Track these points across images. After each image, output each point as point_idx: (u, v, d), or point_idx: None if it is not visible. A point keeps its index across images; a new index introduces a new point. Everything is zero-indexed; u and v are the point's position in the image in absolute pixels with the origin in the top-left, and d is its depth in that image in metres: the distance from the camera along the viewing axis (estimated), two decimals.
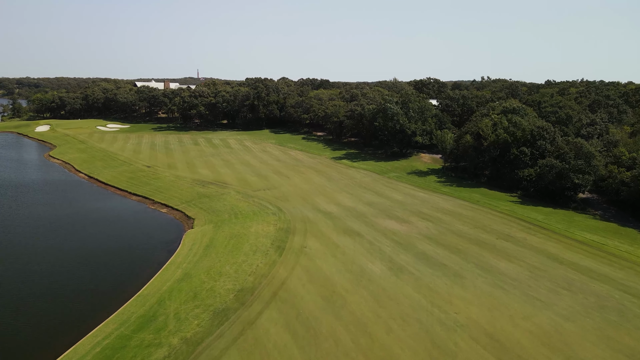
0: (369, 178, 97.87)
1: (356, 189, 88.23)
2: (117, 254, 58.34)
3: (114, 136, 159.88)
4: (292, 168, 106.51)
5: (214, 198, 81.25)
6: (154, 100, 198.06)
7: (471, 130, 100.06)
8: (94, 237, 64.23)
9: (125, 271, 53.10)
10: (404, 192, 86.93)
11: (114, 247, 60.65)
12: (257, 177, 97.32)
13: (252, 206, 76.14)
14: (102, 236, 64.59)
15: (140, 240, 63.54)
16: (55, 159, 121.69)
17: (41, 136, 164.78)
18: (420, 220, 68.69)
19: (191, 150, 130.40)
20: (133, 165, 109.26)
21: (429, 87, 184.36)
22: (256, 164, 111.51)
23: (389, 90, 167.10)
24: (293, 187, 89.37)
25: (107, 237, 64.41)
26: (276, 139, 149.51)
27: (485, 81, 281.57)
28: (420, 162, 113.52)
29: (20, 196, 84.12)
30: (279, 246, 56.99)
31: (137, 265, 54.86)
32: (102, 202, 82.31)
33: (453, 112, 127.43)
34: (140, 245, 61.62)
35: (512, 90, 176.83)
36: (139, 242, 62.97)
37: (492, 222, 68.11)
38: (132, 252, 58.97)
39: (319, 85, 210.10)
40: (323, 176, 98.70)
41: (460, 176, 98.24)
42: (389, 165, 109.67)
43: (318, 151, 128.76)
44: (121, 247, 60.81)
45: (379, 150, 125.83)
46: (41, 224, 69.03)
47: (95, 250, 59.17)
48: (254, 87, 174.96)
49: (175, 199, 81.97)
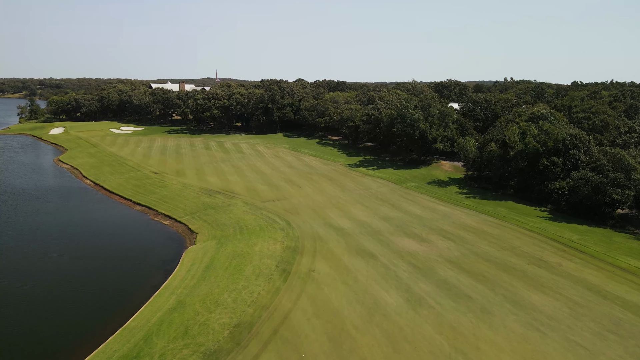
0: (385, 188, 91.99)
1: (372, 201, 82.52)
2: (110, 274, 54.00)
3: (126, 139, 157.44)
4: (305, 176, 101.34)
5: (220, 210, 76.62)
6: (168, 102, 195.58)
7: (496, 137, 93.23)
8: (89, 253, 60.11)
9: (115, 296, 48.61)
10: (423, 204, 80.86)
11: (108, 266, 56.35)
12: (267, 186, 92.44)
13: (259, 220, 71.20)
14: (97, 253, 60.45)
15: (137, 258, 59.16)
16: (64, 164, 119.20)
17: (54, 139, 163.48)
18: (440, 239, 62.65)
19: (202, 155, 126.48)
20: (141, 171, 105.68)
21: (449, 90, 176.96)
22: (267, 171, 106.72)
23: (407, 93, 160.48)
24: (304, 198, 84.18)
25: (103, 253, 60.23)
26: (290, 144, 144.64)
27: (509, 82, 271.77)
28: (441, 170, 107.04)
29: (21, 204, 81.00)
30: (284, 269, 51.82)
31: (130, 289, 50.36)
32: (104, 212, 78.51)
33: (476, 117, 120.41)
34: (136, 264, 57.20)
35: (538, 92, 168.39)
36: (136, 260, 58.58)
37: (521, 243, 61.62)
38: (126, 273, 54.55)
39: (335, 87, 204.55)
40: (337, 186, 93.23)
41: (483, 187, 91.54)
42: (407, 174, 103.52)
43: (333, 157, 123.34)
44: (116, 265, 56.48)
45: (397, 157, 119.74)
46: (36, 237, 65.33)
47: (87, 271, 54.95)
48: (268, 90, 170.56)
49: (179, 210, 77.65)
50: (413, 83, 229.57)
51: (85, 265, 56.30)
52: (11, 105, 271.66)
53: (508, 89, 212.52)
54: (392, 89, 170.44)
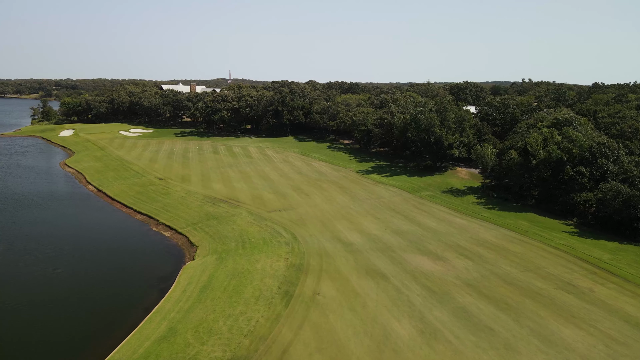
0: (398, 197, 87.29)
1: (384, 212, 77.96)
2: (102, 294, 50.44)
3: (134, 142, 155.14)
4: (314, 183, 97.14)
5: (223, 220, 72.85)
6: (178, 104, 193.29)
7: (516, 144, 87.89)
8: (82, 269, 56.73)
9: (102, 321, 44.92)
10: (438, 216, 76.01)
11: (101, 284, 52.83)
12: (274, 194, 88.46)
13: (264, 232, 67.22)
14: (91, 268, 57.05)
15: (132, 275, 55.59)
16: (69, 168, 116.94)
17: (63, 141, 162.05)
18: (457, 258, 57.86)
19: (209, 159, 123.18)
20: (145, 177, 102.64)
21: (465, 92, 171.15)
22: (275, 177, 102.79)
23: (422, 96, 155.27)
24: (312, 207, 79.99)
25: (97, 269, 56.81)
26: (300, 148, 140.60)
27: (527, 84, 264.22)
28: (457, 178, 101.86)
29: (20, 211, 78.34)
30: (286, 291, 47.67)
31: (120, 311, 46.69)
32: (103, 222, 75.35)
33: (494, 121, 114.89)
34: (130, 282, 53.60)
35: (559, 95, 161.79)
36: (131, 277, 55.00)
37: (546, 263, 56.51)
38: (118, 292, 50.94)
39: (347, 89, 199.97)
40: (347, 194, 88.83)
41: (502, 197, 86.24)
42: (422, 182, 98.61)
43: (344, 163, 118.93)
44: (109, 283, 52.93)
45: (411, 163, 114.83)
46: (29, 247, 62.25)
47: (77, 289, 51.48)
48: (278, 92, 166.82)
49: (181, 220, 74.10)
50: (428, 84, 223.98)
51: (77, 283, 52.89)
52: (27, 106, 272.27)
53: (526, 91, 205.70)
54: (406, 91, 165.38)
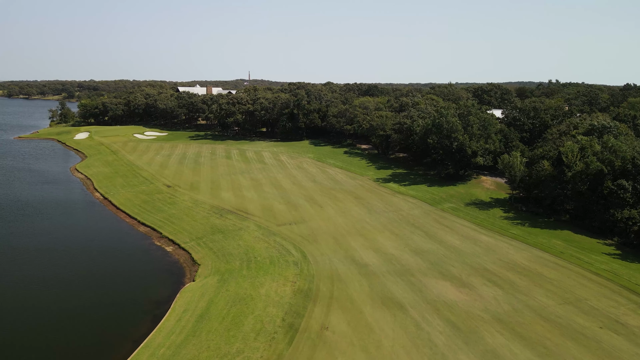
0: (418, 210, 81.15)
1: (402, 227, 72.03)
2: (90, 321, 46.06)
3: (148, 146, 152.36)
4: (328, 193, 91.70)
5: (229, 235, 68.08)
6: (193, 106, 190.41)
7: (549, 154, 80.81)
8: (74, 289, 52.60)
9: (83, 357, 40.48)
10: (461, 233, 69.69)
11: (89, 309, 48.48)
12: (285, 205, 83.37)
13: (271, 249, 62.14)
14: (84, 288, 52.89)
15: (126, 298, 51.17)
16: (78, 173, 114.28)
17: (77, 144, 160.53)
18: (485, 284, 51.67)
19: (220, 165, 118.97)
20: (153, 184, 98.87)
21: (490, 95, 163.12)
22: (287, 185, 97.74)
23: (444, 100, 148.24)
24: (325, 221, 74.59)
25: (90, 289, 52.61)
26: (315, 153, 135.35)
27: (554, 85, 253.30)
28: (481, 188, 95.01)
29: (20, 221, 75.19)
30: (291, 325, 42.39)
31: (106, 345, 42.16)
32: (104, 234, 71.45)
33: (522, 126, 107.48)
34: (123, 306, 49.14)
35: (591, 98, 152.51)
36: (124, 300, 50.57)
37: (587, 293, 49.86)
38: (109, 320, 46.47)
39: (365, 92, 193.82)
40: (363, 206, 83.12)
41: (532, 211, 79.25)
42: (443, 192, 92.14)
43: (360, 170, 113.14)
44: (100, 308, 48.56)
45: (431, 171, 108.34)
46: (23, 260, 58.56)
47: (63, 315, 47.23)
48: (294, 94, 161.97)
49: (184, 234, 69.65)
50: (449, 86, 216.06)
51: (64, 307, 48.68)
52: (49, 107, 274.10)
53: (554, 93, 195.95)
54: (426, 94, 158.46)
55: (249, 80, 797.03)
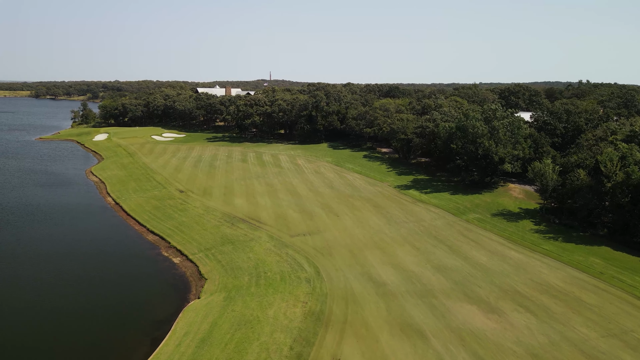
0: (441, 221, 76.13)
1: (424, 240, 67.24)
2: (82, 345, 43.00)
3: (165, 148, 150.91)
4: (345, 201, 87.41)
5: (240, 246, 64.56)
6: (211, 108, 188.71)
7: (584, 162, 74.72)
8: (71, 305, 49.79)
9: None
10: (488, 247, 64.49)
11: (86, 329, 45.47)
12: (300, 213, 79.49)
13: (283, 264, 58.31)
14: (82, 303, 50.06)
15: (127, 315, 48.08)
16: (93, 176, 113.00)
17: (95, 146, 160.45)
18: (516, 310, 46.62)
19: (236, 169, 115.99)
20: (166, 188, 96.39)
21: (517, 96, 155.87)
22: (303, 192, 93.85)
23: (468, 102, 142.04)
24: (342, 232, 70.37)
25: (89, 305, 49.72)
26: (333, 157, 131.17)
27: (585, 85, 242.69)
28: (509, 197, 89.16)
29: (27, 227, 73.41)
30: (299, 354, 38.39)
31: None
32: (111, 242, 68.87)
33: (553, 131, 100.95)
34: (122, 326, 46.01)
35: (627, 100, 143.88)
36: (124, 318, 47.46)
37: (633, 323, 44.31)
38: (103, 343, 43.30)
39: (387, 93, 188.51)
40: (382, 215, 78.55)
41: (566, 223, 73.27)
42: (468, 201, 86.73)
43: (380, 175, 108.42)
44: (96, 329, 45.50)
45: (455, 177, 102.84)
46: (22, 271, 56.19)
47: (58, 335, 44.33)
48: (312, 96, 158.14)
49: (193, 244, 66.49)
50: (473, 87, 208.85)
51: (59, 325, 45.81)
52: (72, 108, 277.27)
53: (585, 94, 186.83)
54: (450, 96, 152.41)
55: (270, 81, 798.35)
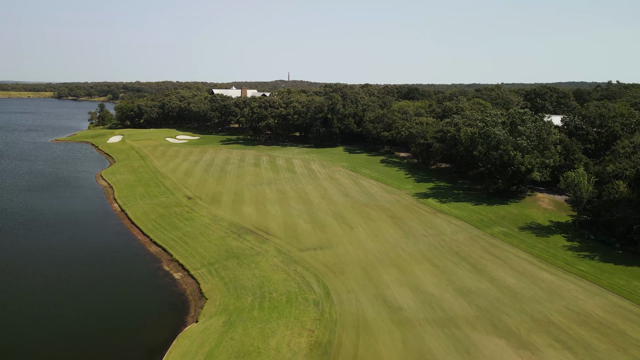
0: (463, 235, 70.41)
1: (444, 256, 61.74)
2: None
3: (177, 151, 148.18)
4: (360, 210, 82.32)
5: (245, 261, 60.19)
6: (225, 109, 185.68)
7: (624, 172, 68.06)
8: (59, 327, 46.07)
9: None
10: (516, 267, 58.63)
11: (71, 356, 41.65)
12: (312, 223, 74.77)
13: (290, 282, 53.68)
14: (70, 327, 46.27)
15: (116, 342, 44.03)
16: (102, 180, 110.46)
17: (109, 148, 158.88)
18: (551, 346, 40.91)
19: (247, 174, 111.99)
20: (174, 195, 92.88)
21: (544, 98, 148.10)
22: (316, 199, 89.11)
23: (492, 103, 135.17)
24: (355, 246, 65.37)
25: (77, 327, 45.91)
26: (349, 162, 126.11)
27: (615, 86, 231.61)
28: (537, 208, 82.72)
29: (27, 234, 70.56)
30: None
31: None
32: (111, 255, 65.22)
33: (585, 136, 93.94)
34: (110, 355, 41.98)
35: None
36: (113, 347, 43.41)
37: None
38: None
39: (405, 95, 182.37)
40: (399, 228, 73.23)
41: (602, 240, 66.72)
42: (493, 213, 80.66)
43: (398, 182, 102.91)
44: (80, 357, 41.62)
45: (478, 185, 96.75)
46: (12, 285, 52.86)
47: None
48: (328, 97, 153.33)
49: (196, 258, 62.41)
50: (496, 88, 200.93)
51: (45, 349, 42.03)
52: (92, 109, 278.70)
53: (616, 96, 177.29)
54: (472, 98, 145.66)
55: (288, 82, 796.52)
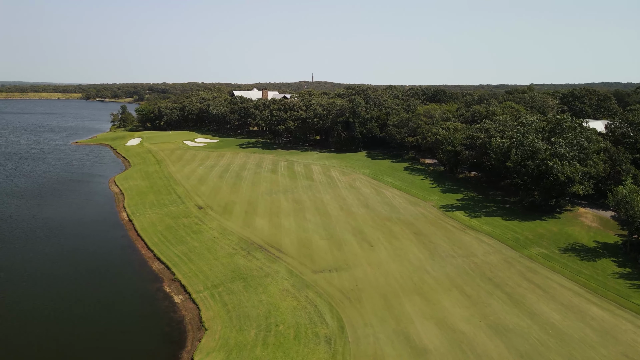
0: (497, 256, 63.00)
1: (476, 283, 54.63)
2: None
3: (194, 155, 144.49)
4: (382, 225, 75.71)
5: (252, 284, 54.54)
6: (245, 112, 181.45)
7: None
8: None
9: None
10: (561, 299, 51.06)
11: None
12: (328, 240, 68.64)
13: (300, 312, 47.71)
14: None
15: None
16: (115, 186, 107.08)
17: (127, 151, 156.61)
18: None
19: (263, 181, 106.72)
20: (185, 204, 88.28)
21: (582, 101, 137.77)
22: (334, 211, 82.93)
23: (525, 107, 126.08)
24: (375, 268, 58.91)
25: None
26: (371, 168, 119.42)
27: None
28: (580, 225, 74.36)
29: (25, 247, 66.69)
30: None
31: None
32: (110, 273, 60.51)
33: (634, 145, 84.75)
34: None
35: None
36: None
37: None
38: None
39: (431, 97, 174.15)
40: (424, 246, 66.33)
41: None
42: (529, 230, 72.78)
43: (423, 193, 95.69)
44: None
45: (511, 197, 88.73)
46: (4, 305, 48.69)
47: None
48: (350, 100, 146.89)
49: (200, 278, 57.14)
50: (528, 90, 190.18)
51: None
52: (116, 110, 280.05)
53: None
54: (504, 101, 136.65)
55: (312, 82, 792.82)
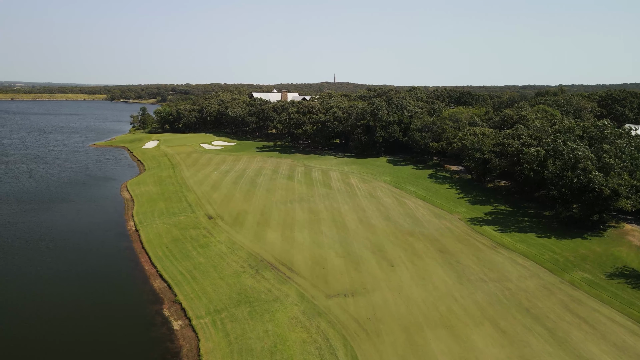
0: (534, 281, 55.99)
1: (511, 315, 47.94)
2: None
3: (210, 158, 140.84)
4: (404, 240, 69.44)
5: (259, 309, 49.24)
6: (263, 114, 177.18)
7: None
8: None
9: None
10: (612, 338, 43.98)
11: None
12: (344, 258, 62.82)
13: (309, 348, 42.11)
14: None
15: None
16: (126, 192, 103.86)
17: (143, 154, 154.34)
18: None
19: (279, 188, 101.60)
20: (194, 213, 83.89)
21: (623, 105, 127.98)
22: (352, 224, 77.06)
23: (560, 111, 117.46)
24: (395, 293, 52.81)
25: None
26: (392, 175, 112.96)
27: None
28: (627, 245, 66.46)
29: (26, 257, 63.18)
30: None
31: None
32: (107, 292, 56.15)
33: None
34: None
35: None
36: None
37: None
38: None
39: (457, 99, 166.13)
40: (451, 267, 59.81)
41: None
42: (569, 250, 65.32)
43: (448, 204, 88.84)
44: None
45: (546, 210, 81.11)
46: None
47: None
48: (371, 103, 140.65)
49: (203, 300, 52.18)
50: (560, 92, 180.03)
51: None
52: (135, 112, 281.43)
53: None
54: (536, 104, 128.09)
55: (334, 84, 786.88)
